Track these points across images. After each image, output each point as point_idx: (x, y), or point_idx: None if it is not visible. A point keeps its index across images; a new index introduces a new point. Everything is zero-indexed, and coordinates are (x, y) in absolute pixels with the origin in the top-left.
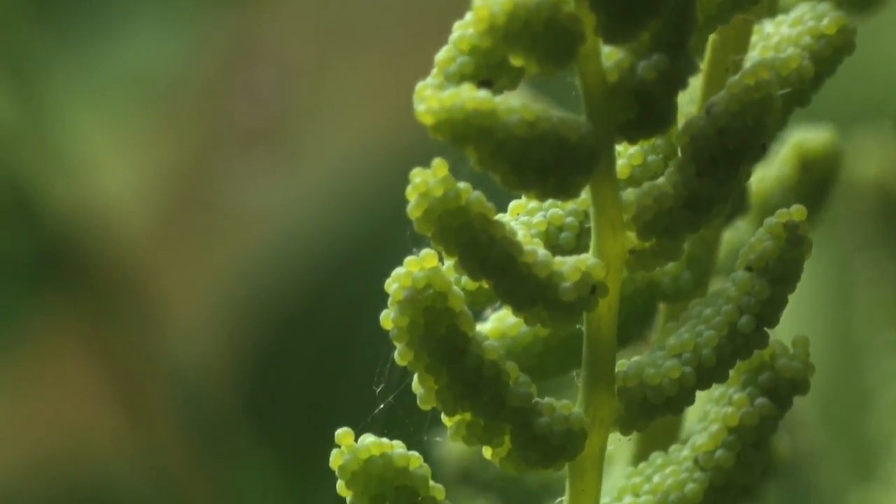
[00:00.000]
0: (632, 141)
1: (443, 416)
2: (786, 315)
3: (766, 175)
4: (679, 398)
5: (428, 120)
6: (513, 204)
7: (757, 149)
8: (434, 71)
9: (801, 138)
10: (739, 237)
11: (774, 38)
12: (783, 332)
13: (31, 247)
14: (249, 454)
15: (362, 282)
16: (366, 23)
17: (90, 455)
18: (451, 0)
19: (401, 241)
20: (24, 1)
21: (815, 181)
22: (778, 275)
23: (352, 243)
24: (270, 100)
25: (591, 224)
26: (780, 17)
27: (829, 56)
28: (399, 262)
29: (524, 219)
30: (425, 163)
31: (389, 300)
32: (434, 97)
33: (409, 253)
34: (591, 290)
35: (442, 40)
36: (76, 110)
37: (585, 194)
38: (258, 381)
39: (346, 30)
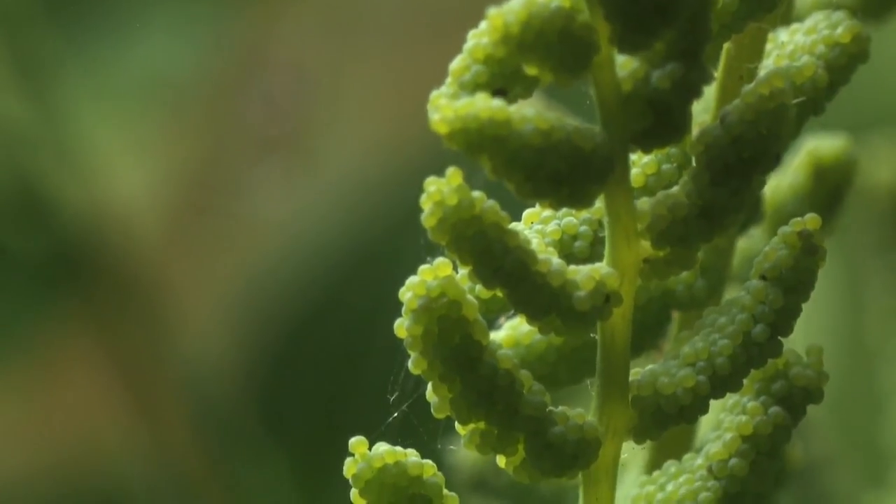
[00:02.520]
0: (646, 150)
1: (457, 425)
2: (799, 321)
3: (780, 183)
4: (693, 407)
5: (442, 129)
6: (527, 212)
7: (771, 158)
8: (448, 80)
9: (815, 146)
10: (753, 245)
11: (789, 47)
12: (796, 338)
13: (44, 250)
14: (262, 457)
15: (376, 286)
16: (380, 28)
17: (104, 457)
18: (466, 5)
19: (415, 247)
20: (38, 5)
21: (829, 189)
22: (792, 284)
23: (365, 247)
24: (284, 104)
25: (606, 233)
26: (794, 26)
27: (843, 64)
28: (413, 268)
29: (538, 227)
30: (439, 169)
31: (403, 309)
32: (448, 106)
33: (424, 259)
34: (605, 299)
35: (457, 45)
36: (90, 114)
37: (600, 203)
38: (271, 384)
39: (359, 35)
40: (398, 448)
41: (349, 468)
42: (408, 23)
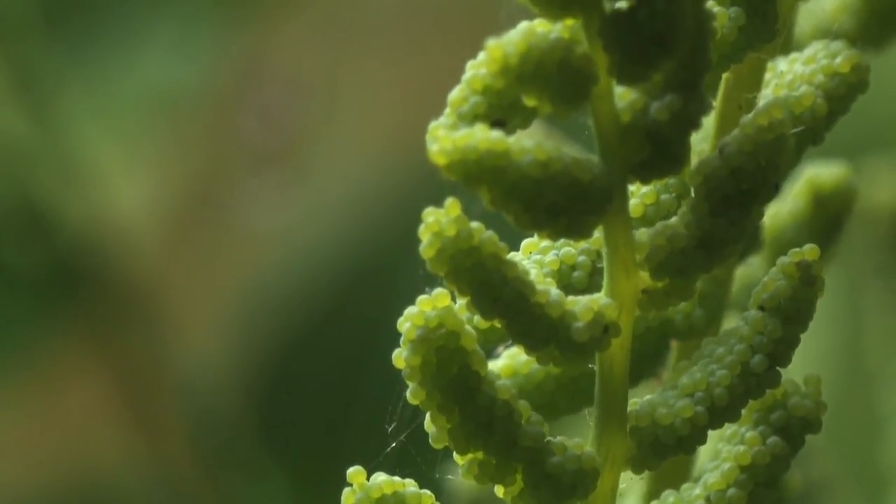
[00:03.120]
0: (645, 181)
1: (455, 454)
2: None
3: (780, 210)
4: (691, 437)
5: (441, 160)
6: (525, 243)
7: (770, 189)
8: (447, 111)
9: (814, 174)
10: (752, 273)
11: (788, 77)
12: (795, 361)
13: (43, 263)
14: (260, 470)
15: (373, 298)
16: (377, 43)
17: (102, 469)
18: (464, 20)
19: (411, 260)
20: (38, 18)
21: (829, 216)
22: (790, 314)
23: (362, 260)
24: (282, 118)
25: (604, 263)
26: (793, 55)
27: (842, 94)
28: (411, 282)
29: (537, 258)
30: (437, 183)
31: (402, 339)
32: (447, 137)
33: (421, 275)
34: (603, 330)
35: (454, 62)
36: (89, 128)
37: (598, 234)
38: (269, 398)
39: (357, 50)
40: (396, 478)
41: (347, 499)
42: (406, 37)
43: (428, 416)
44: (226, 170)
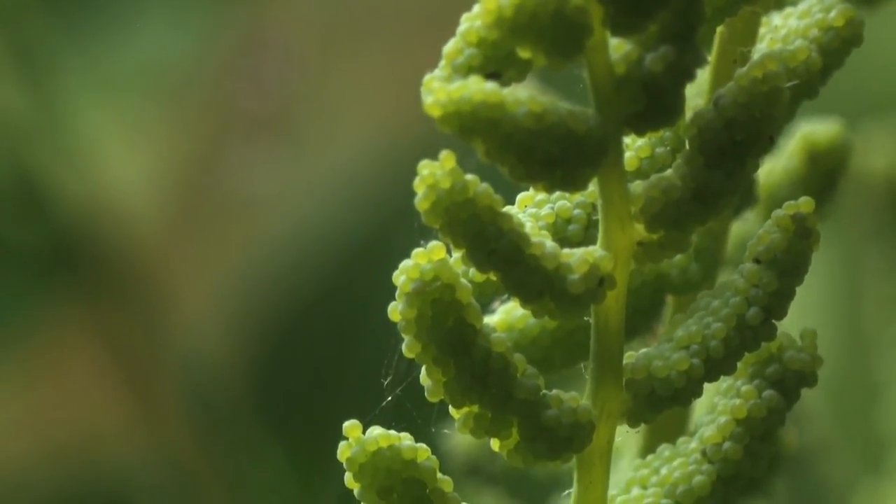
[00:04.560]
0: (640, 133)
1: (450, 408)
2: (794, 308)
3: (774, 167)
4: (687, 390)
5: (435, 112)
6: (520, 196)
7: (765, 141)
8: (442, 63)
9: (809, 131)
10: (748, 229)
11: (782, 31)
12: (791, 325)
13: (41, 239)
14: (259, 446)
15: (371, 270)
16: (371, 13)
17: (100, 446)
18: None
19: (409, 230)
20: None
21: (823, 174)
22: (786, 267)
23: (360, 232)
24: (278, 90)
25: (599, 216)
26: (787, 10)
27: (837, 48)
28: (407, 252)
29: (532, 211)
30: (432, 152)
31: (397, 292)
32: (442, 89)
33: (417, 243)
34: (598, 282)
35: (448, 29)
36: (86, 103)
37: (593, 186)
38: (268, 372)
39: (351, 20)
40: (392, 432)
41: (343, 452)
42: (399, 7)
43: (423, 369)
44: (223, 142)
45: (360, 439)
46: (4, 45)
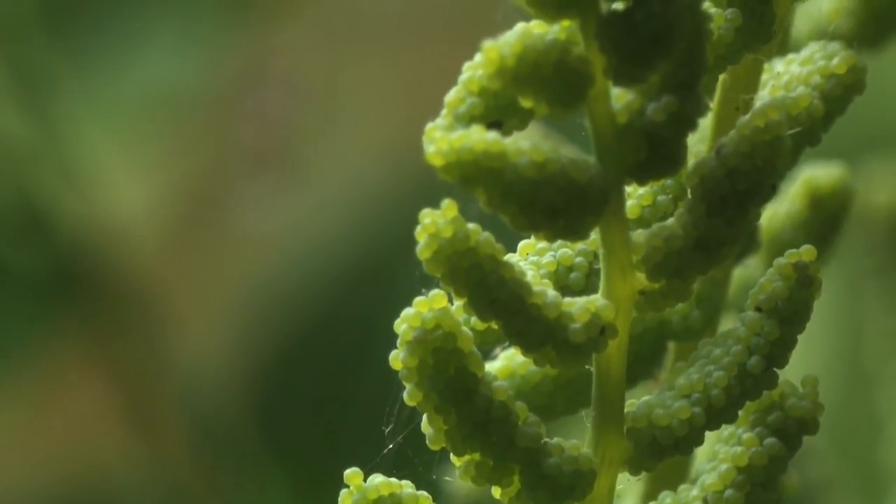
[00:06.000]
0: (641, 182)
1: (452, 456)
2: (798, 344)
3: (777, 211)
4: (688, 438)
5: (437, 161)
6: (522, 244)
7: (767, 189)
8: (444, 112)
9: (812, 175)
10: (750, 274)
11: (784, 77)
12: (793, 361)
13: (43, 264)
14: (260, 471)
15: (371, 299)
16: (376, 45)
17: (103, 470)
18: (462, 24)
19: (409, 262)
20: (37, 19)
21: (826, 218)
22: (787, 315)
23: (360, 261)
24: (281, 120)
25: (601, 265)
26: (790, 56)
27: (839, 95)
28: (408, 283)
29: (533, 259)
30: (435, 186)
31: (398, 340)
32: (443, 138)
33: (419, 282)
34: (600, 331)
35: (452, 64)
36: (89, 128)
37: (595, 235)
38: (268, 398)
39: (355, 52)
40: (393, 480)
41: (344, 500)
42: (404, 40)
43: (425, 417)
44: (226, 170)
45: (361, 487)
46: (7, 69)
